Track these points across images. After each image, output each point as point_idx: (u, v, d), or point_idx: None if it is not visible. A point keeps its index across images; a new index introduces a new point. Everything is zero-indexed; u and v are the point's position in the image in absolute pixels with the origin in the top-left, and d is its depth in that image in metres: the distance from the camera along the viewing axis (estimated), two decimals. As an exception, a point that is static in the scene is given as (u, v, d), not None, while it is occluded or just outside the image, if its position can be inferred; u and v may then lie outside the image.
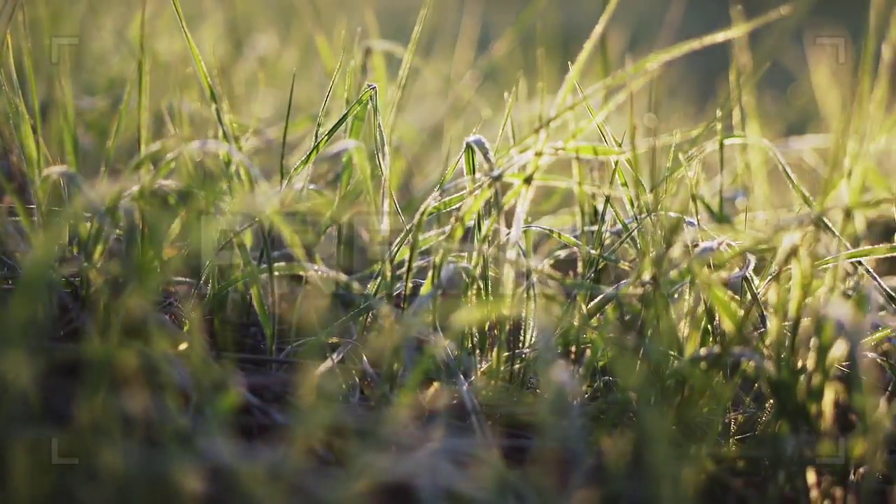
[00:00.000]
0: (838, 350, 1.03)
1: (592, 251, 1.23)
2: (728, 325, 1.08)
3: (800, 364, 1.07)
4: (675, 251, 1.09)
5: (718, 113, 1.36)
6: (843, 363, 1.19)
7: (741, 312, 1.06)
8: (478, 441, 1.09)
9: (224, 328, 1.26)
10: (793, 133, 2.66)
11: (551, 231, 1.26)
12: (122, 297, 0.96)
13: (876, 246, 1.21)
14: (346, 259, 1.41)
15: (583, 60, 1.18)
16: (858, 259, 1.20)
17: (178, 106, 1.63)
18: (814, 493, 1.07)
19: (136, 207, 1.10)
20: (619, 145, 1.21)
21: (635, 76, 1.11)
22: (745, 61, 1.49)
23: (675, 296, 1.22)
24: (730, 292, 1.17)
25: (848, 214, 1.03)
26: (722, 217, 1.40)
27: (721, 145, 1.36)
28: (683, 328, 1.25)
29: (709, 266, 1.08)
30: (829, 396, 1.04)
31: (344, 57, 1.46)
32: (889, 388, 1.22)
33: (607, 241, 1.25)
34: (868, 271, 1.24)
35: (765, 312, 1.11)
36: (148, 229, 0.96)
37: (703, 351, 1.13)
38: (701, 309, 1.15)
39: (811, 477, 1.07)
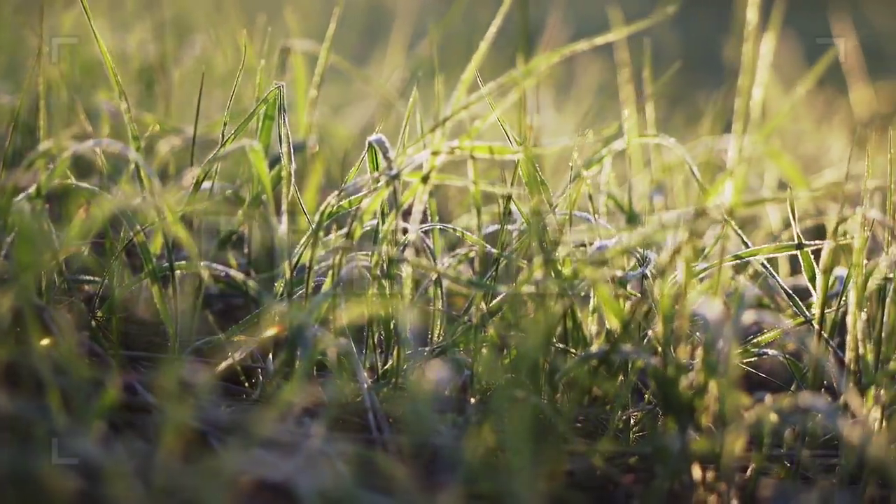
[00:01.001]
0: (722, 347, 1.04)
1: (493, 250, 1.24)
2: (614, 323, 1.08)
3: (685, 361, 1.08)
4: (563, 250, 1.09)
5: (625, 113, 1.37)
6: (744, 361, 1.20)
7: (627, 310, 1.07)
8: (366, 439, 1.09)
9: (125, 326, 1.27)
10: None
11: (454, 229, 1.27)
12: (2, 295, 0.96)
13: (764, 245, 1.23)
14: (265, 260, 1.42)
15: (479, 59, 1.19)
16: (749, 257, 1.21)
17: (101, 105, 1.64)
18: (700, 489, 1.08)
19: (30, 205, 1.10)
20: (520, 143, 1.22)
21: (526, 76, 1.12)
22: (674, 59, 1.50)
23: (583, 294, 1.23)
24: (628, 290, 1.18)
25: (730, 213, 1.04)
26: (632, 215, 1.41)
27: (628, 144, 1.37)
28: (589, 325, 1.26)
29: (601, 264, 1.09)
30: (712, 393, 1.05)
31: (264, 57, 1.47)
32: (794, 387, 1.23)
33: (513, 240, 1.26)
34: (767, 269, 1.25)
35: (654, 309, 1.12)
36: (28, 227, 0.96)
37: (594, 348, 1.14)
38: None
39: (697, 472, 1.08)
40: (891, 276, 1.12)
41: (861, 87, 2.80)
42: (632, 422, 1.20)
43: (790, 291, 1.24)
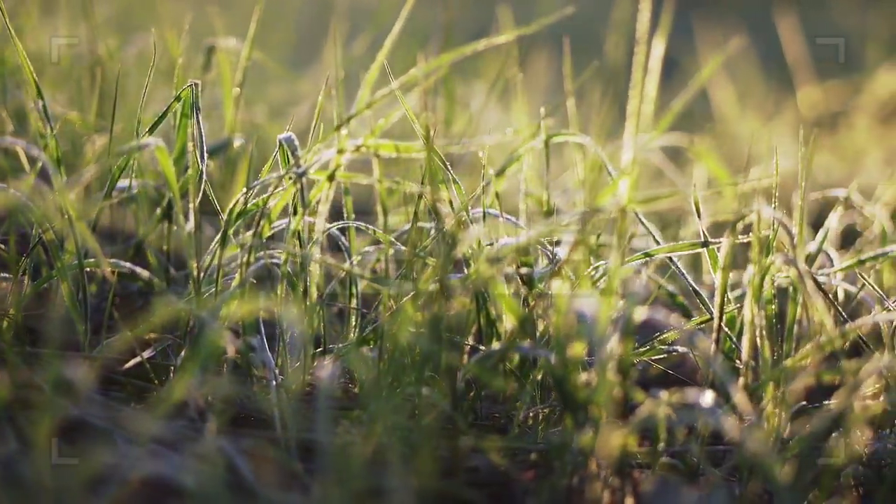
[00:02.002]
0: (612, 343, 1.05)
1: (403, 248, 1.25)
2: (511, 321, 1.09)
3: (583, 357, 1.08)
4: (462, 248, 1.10)
5: (542, 111, 1.37)
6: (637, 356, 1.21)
7: (523, 308, 1.08)
8: (266, 436, 1.10)
9: (38, 324, 1.27)
10: (680, 129, 2.69)
11: (367, 227, 1.27)
12: None
13: (676, 243, 1.24)
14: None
15: (383, 56, 1.19)
16: (656, 255, 1.22)
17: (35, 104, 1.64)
18: (595, 484, 1.09)
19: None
20: (422, 142, 1.22)
21: (427, 74, 1.12)
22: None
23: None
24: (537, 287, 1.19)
25: (623, 211, 1.05)
26: (550, 212, 1.42)
27: (546, 143, 1.38)
28: (505, 323, 1.27)
29: (496, 261, 1.10)
30: (605, 389, 1.06)
31: (186, 54, 1.47)
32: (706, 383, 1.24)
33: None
34: (675, 266, 1.26)
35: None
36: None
37: (496, 345, 1.15)
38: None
39: (593, 468, 1.08)
40: (787, 274, 1.13)
41: (809, 87, 2.82)
42: (539, 418, 1.21)
43: (696, 289, 1.25)
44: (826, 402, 1.14)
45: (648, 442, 1.11)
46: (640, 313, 1.04)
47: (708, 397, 0.98)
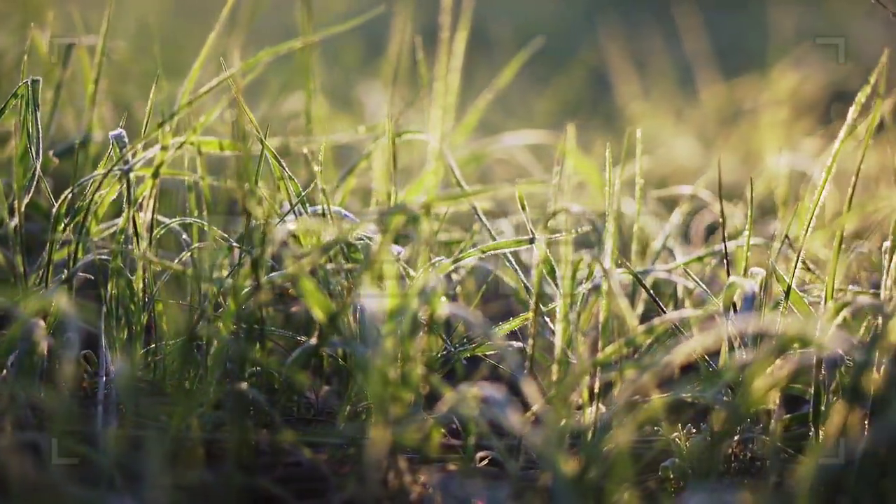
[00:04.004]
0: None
1: (236, 245, 1.25)
2: (320, 316, 1.10)
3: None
4: (273, 246, 1.11)
5: (393, 112, 1.38)
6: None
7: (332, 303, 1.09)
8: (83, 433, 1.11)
9: None
10: (588, 127, 2.71)
11: (196, 223, 1.28)
12: None
13: (510, 239, 1.25)
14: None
15: (205, 54, 1.20)
16: (492, 250, 1.23)
17: None
18: (407, 478, 1.10)
19: None
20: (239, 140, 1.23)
21: (244, 72, 1.13)
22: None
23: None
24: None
25: (427, 209, 1.06)
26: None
27: (393, 142, 1.39)
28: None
29: (303, 257, 1.11)
30: (413, 382, 1.07)
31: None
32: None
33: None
34: (510, 262, 1.27)
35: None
36: None
37: (314, 341, 1.16)
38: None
39: (403, 463, 1.10)
40: (598, 269, 1.14)
41: (713, 87, 2.85)
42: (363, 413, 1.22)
43: (527, 284, 1.26)
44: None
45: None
46: (443, 308, 1.05)
47: (493, 390, 0.99)
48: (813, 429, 1.11)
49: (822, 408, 1.10)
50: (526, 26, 4.90)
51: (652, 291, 1.47)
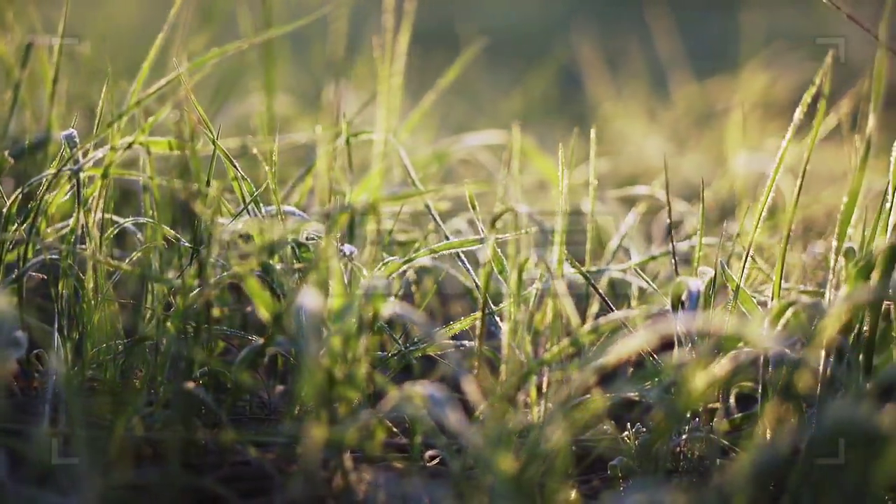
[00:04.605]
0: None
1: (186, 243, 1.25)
2: (265, 315, 1.10)
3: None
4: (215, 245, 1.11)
5: (342, 111, 1.39)
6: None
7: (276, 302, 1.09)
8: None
9: None
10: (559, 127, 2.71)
11: (150, 223, 1.28)
12: None
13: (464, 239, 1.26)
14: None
15: (153, 54, 1.20)
16: (444, 251, 1.24)
17: None
18: (353, 477, 1.10)
19: None
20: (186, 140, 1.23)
21: (191, 73, 1.13)
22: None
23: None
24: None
25: (373, 209, 1.06)
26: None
27: (348, 141, 1.39)
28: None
29: (246, 257, 1.11)
30: (358, 381, 1.07)
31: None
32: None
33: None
34: (462, 262, 1.27)
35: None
36: None
37: (262, 341, 1.16)
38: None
39: (349, 462, 1.10)
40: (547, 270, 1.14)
41: (687, 87, 2.85)
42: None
43: (477, 283, 1.26)
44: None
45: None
46: (387, 308, 1.05)
47: (434, 389, 0.99)
48: (759, 427, 1.11)
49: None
50: (509, 28, 4.92)
51: (609, 291, 1.47)
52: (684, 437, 1.15)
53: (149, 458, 1.10)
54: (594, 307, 1.40)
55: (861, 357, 1.06)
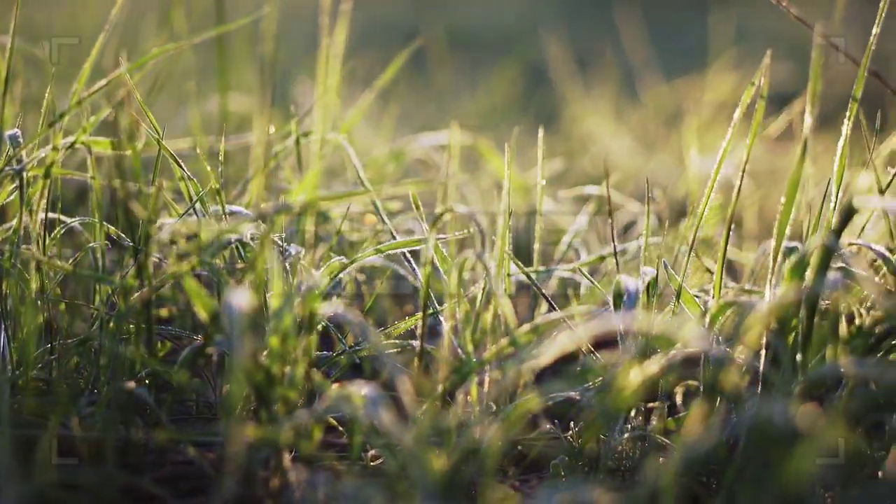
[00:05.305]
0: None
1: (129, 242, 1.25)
2: (203, 315, 1.10)
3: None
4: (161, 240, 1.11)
5: (293, 109, 1.39)
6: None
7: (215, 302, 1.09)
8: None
9: None
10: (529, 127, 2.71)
11: (94, 223, 1.28)
12: None
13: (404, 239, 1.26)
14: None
15: (95, 54, 1.20)
16: (391, 250, 1.24)
17: None
18: (291, 476, 1.10)
19: None
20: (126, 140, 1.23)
21: (132, 72, 1.13)
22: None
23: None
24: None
25: (311, 207, 1.06)
26: (309, 208, 1.43)
27: (298, 140, 1.40)
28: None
29: (184, 257, 1.11)
30: (296, 380, 1.08)
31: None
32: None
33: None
34: (408, 261, 1.28)
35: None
36: None
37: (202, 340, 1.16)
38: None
39: (287, 461, 1.10)
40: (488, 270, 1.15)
41: (656, 88, 2.86)
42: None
43: (422, 282, 1.27)
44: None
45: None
46: (323, 308, 1.06)
47: (370, 388, 0.99)
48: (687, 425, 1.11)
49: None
50: (489, 29, 4.93)
51: (561, 291, 1.47)
52: (626, 435, 1.15)
53: (88, 458, 1.10)
54: (543, 307, 1.41)
55: (797, 356, 1.06)
